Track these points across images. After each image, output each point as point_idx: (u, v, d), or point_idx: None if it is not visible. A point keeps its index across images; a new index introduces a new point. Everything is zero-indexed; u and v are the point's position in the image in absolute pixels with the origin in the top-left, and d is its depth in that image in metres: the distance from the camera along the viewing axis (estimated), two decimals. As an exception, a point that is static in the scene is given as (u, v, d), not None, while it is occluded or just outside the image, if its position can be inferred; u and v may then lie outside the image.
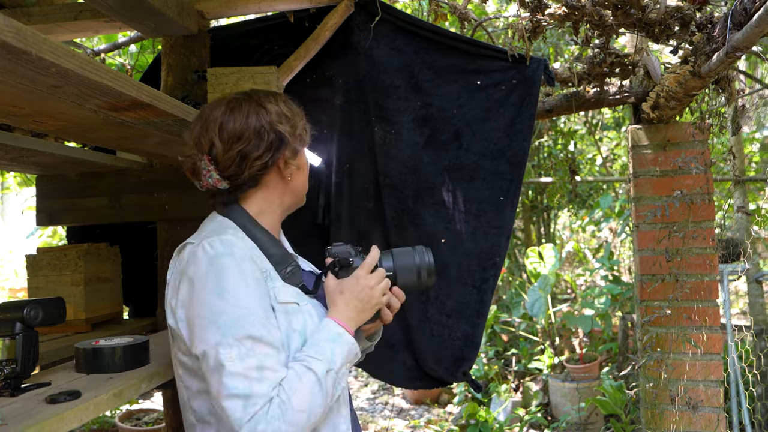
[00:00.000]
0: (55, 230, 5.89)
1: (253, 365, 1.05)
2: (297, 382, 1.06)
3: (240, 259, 1.12)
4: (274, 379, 1.05)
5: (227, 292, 1.08)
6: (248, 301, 1.09)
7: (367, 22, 2.09)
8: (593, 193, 6.27)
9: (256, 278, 1.13)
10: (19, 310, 1.16)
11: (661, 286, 2.19)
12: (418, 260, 1.30)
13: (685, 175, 2.20)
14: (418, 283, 1.31)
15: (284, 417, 1.03)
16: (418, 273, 1.30)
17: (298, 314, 1.16)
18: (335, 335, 1.15)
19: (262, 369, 1.05)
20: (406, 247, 1.33)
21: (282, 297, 1.16)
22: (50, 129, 1.42)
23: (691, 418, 2.15)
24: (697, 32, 1.63)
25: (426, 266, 1.30)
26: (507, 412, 4.37)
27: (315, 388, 1.07)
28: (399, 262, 1.31)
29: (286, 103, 1.30)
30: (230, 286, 1.09)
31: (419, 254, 1.31)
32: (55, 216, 2.18)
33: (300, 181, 1.32)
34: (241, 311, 1.07)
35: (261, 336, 1.07)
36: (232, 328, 1.06)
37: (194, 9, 2.06)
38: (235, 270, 1.10)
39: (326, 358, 1.11)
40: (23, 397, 1.12)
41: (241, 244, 1.16)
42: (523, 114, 2.04)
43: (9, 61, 0.90)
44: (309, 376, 1.07)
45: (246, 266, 1.12)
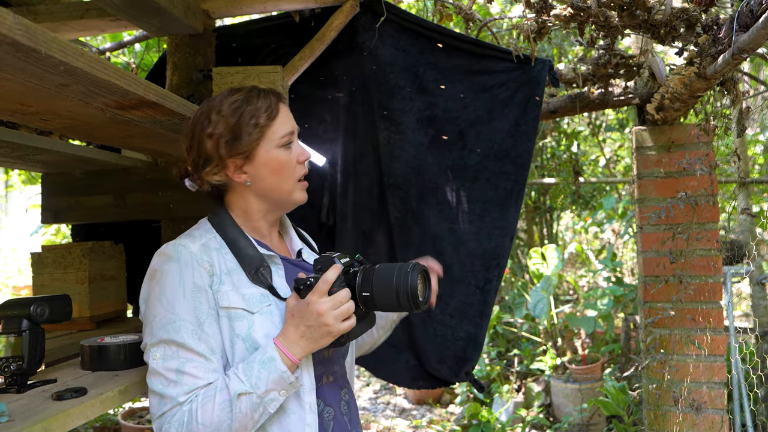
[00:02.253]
0: (58, 228, 5.91)
1: (173, 367, 1.11)
2: (211, 396, 1.09)
3: (183, 264, 1.16)
4: (192, 384, 1.10)
5: (164, 296, 1.14)
6: (180, 308, 1.13)
7: (372, 22, 2.09)
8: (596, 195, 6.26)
9: (196, 285, 1.15)
10: (25, 307, 1.17)
11: (665, 288, 2.19)
12: (396, 280, 1.14)
13: (689, 177, 2.20)
14: (398, 306, 1.15)
15: (188, 425, 1.08)
16: (397, 295, 1.14)
17: (242, 320, 1.16)
18: (267, 359, 1.11)
19: (181, 373, 1.10)
20: (394, 263, 1.18)
21: (224, 302, 1.16)
22: (57, 127, 1.42)
23: (695, 419, 2.15)
24: (702, 34, 1.63)
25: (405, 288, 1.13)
26: (509, 413, 4.37)
27: (225, 408, 1.08)
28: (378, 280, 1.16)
29: (235, 109, 1.22)
30: (167, 291, 1.15)
31: (401, 273, 1.14)
32: (60, 214, 2.19)
33: (268, 183, 1.25)
34: (171, 316, 1.13)
35: (185, 342, 1.11)
36: (160, 331, 1.13)
37: (200, 8, 2.07)
38: (175, 276, 1.15)
39: (250, 381, 1.09)
40: (29, 394, 1.13)
41: (193, 247, 1.19)
42: (528, 115, 2.04)
43: (18, 59, 0.90)
44: (223, 395, 1.09)
45: (187, 273, 1.15)
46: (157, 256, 1.20)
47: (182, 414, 1.08)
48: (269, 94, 1.28)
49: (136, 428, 3.79)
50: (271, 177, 1.25)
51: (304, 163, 1.29)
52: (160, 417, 1.10)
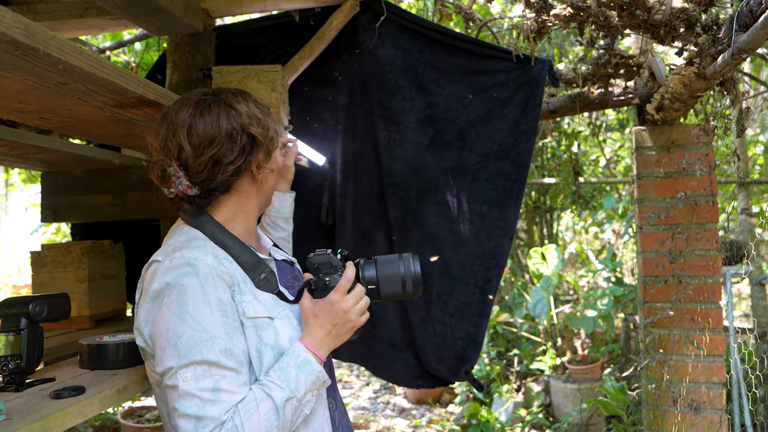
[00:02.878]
0: (58, 227, 5.91)
1: (209, 387, 1.03)
2: (253, 408, 1.05)
3: (204, 277, 1.09)
4: (230, 401, 1.04)
5: (188, 314, 1.06)
6: (208, 323, 1.06)
7: (372, 22, 2.09)
8: (596, 195, 6.26)
9: (220, 298, 1.09)
10: (24, 305, 1.17)
11: (664, 288, 2.19)
12: (403, 269, 1.23)
13: (689, 177, 2.20)
14: (403, 294, 1.24)
15: None
16: (403, 283, 1.23)
17: (268, 328, 1.13)
18: (302, 362, 1.11)
19: (217, 391, 1.03)
20: (392, 255, 1.26)
21: (250, 312, 1.12)
22: (56, 125, 1.42)
23: (693, 419, 2.15)
24: (702, 34, 1.62)
25: (411, 275, 1.23)
26: (508, 413, 4.37)
27: (272, 416, 1.05)
28: (383, 271, 1.23)
29: (255, 103, 1.24)
30: (191, 308, 1.06)
31: (405, 263, 1.23)
32: (59, 213, 2.19)
33: (271, 184, 1.31)
34: (200, 334, 1.05)
35: (219, 360, 1.05)
36: (190, 351, 1.04)
37: (200, 7, 2.07)
38: (198, 290, 1.07)
39: (289, 386, 1.08)
40: (28, 393, 1.13)
41: (207, 259, 1.11)
42: (528, 115, 2.04)
43: (17, 57, 0.90)
44: (267, 403, 1.05)
45: (209, 286, 1.08)
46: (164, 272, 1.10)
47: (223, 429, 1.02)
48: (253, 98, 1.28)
49: (135, 427, 3.79)
50: (273, 177, 1.31)
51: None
52: None
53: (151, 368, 1.15)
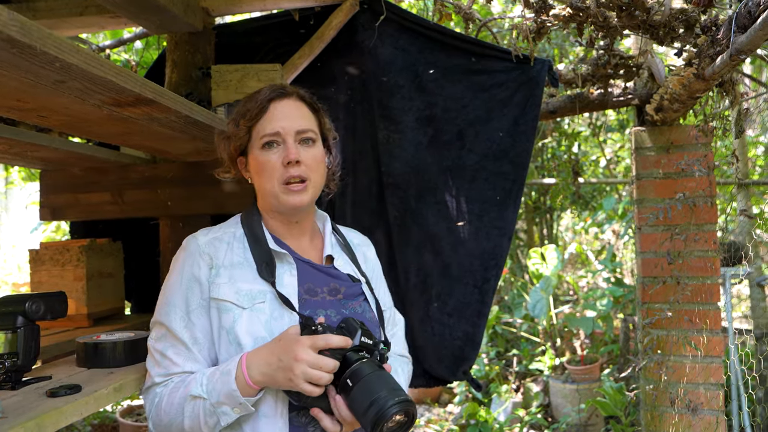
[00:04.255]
0: (58, 225, 5.91)
1: (159, 349, 1.21)
2: (176, 388, 1.16)
3: (188, 254, 1.24)
4: (169, 369, 1.19)
5: (168, 283, 1.25)
6: (174, 294, 1.22)
7: (372, 21, 2.09)
8: (596, 195, 6.25)
9: (194, 274, 1.21)
10: (21, 303, 1.17)
11: (663, 289, 2.19)
12: (381, 399, 1.03)
13: (688, 178, 2.20)
14: (362, 419, 1.05)
15: (156, 407, 1.18)
16: (368, 407, 1.03)
17: (229, 313, 1.18)
18: (226, 372, 1.11)
19: (163, 356, 1.20)
20: (396, 383, 1.08)
21: (214, 293, 1.20)
22: (54, 124, 1.42)
23: (691, 420, 2.15)
24: (701, 34, 1.62)
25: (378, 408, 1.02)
26: (507, 413, 4.37)
27: (180, 403, 1.14)
28: (368, 380, 1.06)
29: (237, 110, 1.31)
30: (171, 278, 1.25)
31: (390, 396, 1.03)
32: (58, 211, 2.18)
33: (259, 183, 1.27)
34: (166, 300, 1.22)
35: (172, 327, 1.19)
36: (157, 312, 1.24)
37: (199, 6, 2.06)
38: (179, 266, 1.24)
39: (207, 387, 1.12)
40: (24, 391, 1.13)
41: (201, 240, 1.25)
42: (527, 115, 2.04)
43: (13, 55, 0.90)
44: (182, 391, 1.15)
45: (188, 263, 1.23)
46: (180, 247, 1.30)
47: (155, 394, 1.19)
48: (269, 91, 1.28)
49: (134, 426, 3.79)
50: (256, 177, 1.28)
51: (292, 165, 1.22)
52: (143, 390, 1.24)
53: None
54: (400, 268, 2.10)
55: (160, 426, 1.17)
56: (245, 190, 1.42)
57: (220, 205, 2.03)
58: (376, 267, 1.48)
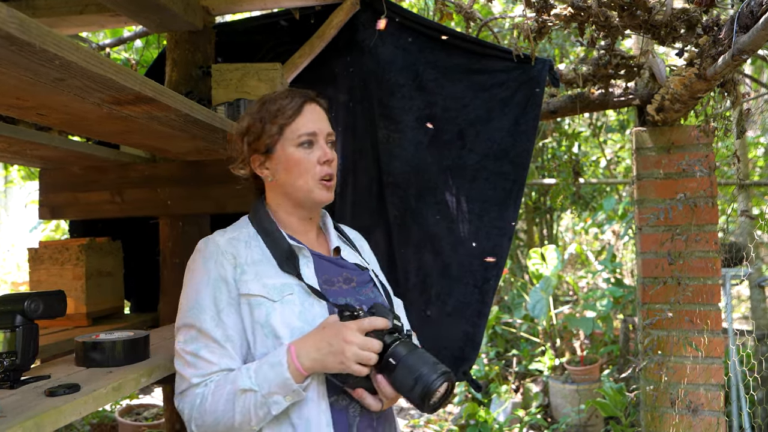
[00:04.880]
0: (58, 224, 5.91)
1: (191, 350, 1.19)
2: (221, 386, 1.16)
3: (208, 256, 1.25)
4: (206, 369, 1.18)
5: (190, 286, 1.25)
6: (201, 296, 1.22)
7: (372, 21, 2.09)
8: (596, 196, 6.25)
9: (220, 274, 1.23)
10: (19, 302, 1.16)
11: (663, 289, 2.19)
12: (424, 373, 1.13)
13: (688, 178, 2.19)
14: (408, 393, 1.15)
15: (198, 408, 1.16)
16: (414, 383, 1.13)
17: (261, 307, 1.20)
18: (276, 363, 1.13)
19: (196, 357, 1.19)
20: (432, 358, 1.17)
21: (243, 290, 1.22)
22: (54, 122, 1.42)
23: (691, 421, 2.14)
24: (703, 34, 1.62)
25: (425, 384, 1.12)
26: (507, 413, 4.36)
27: (229, 399, 1.14)
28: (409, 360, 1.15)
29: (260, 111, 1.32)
30: (193, 280, 1.25)
31: (432, 372, 1.13)
32: (57, 210, 2.18)
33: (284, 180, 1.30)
34: (192, 303, 1.22)
35: (203, 328, 1.19)
36: (184, 316, 1.22)
37: (200, 5, 2.06)
38: (201, 267, 1.25)
39: (257, 380, 1.13)
40: (22, 390, 1.12)
41: (219, 240, 1.27)
42: (528, 114, 2.04)
43: (12, 52, 0.90)
44: (229, 387, 1.15)
45: (211, 264, 1.24)
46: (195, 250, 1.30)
47: (195, 396, 1.17)
48: (298, 94, 1.34)
49: (132, 425, 3.79)
50: (285, 174, 1.31)
51: (327, 164, 1.30)
52: (178, 395, 1.21)
53: None
54: (400, 268, 2.09)
55: (205, 426, 1.17)
56: (245, 189, 1.42)
57: (220, 204, 2.03)
58: (372, 258, 1.54)
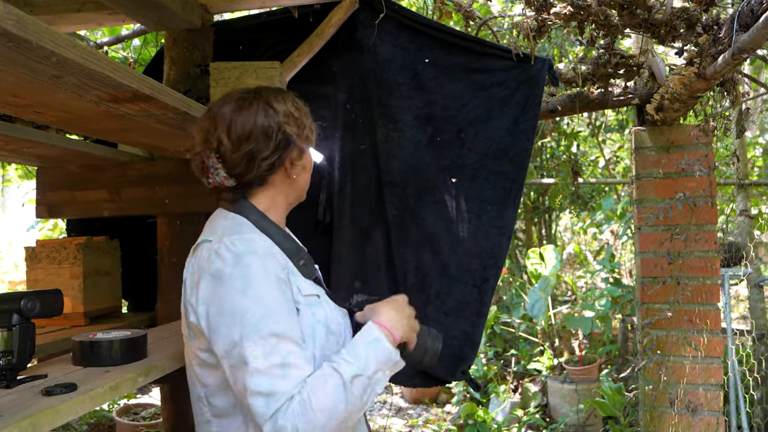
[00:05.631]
0: (55, 223, 5.89)
1: (277, 362, 1.05)
2: (321, 382, 1.06)
3: (263, 257, 1.13)
4: (298, 376, 1.06)
5: (252, 290, 1.09)
6: (272, 299, 1.10)
7: (371, 19, 2.08)
8: (595, 195, 6.25)
9: (279, 276, 1.14)
10: (16, 301, 1.15)
11: (662, 289, 2.18)
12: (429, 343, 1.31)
13: (688, 178, 2.19)
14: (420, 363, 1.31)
15: (303, 415, 1.03)
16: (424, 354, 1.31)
17: (319, 306, 1.21)
18: (373, 339, 1.15)
19: (285, 366, 1.06)
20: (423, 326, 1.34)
21: (305, 290, 1.19)
22: (51, 120, 1.41)
23: (690, 421, 2.14)
24: (703, 33, 1.62)
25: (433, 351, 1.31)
26: (505, 413, 4.36)
27: (338, 391, 1.06)
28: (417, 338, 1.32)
29: (293, 102, 1.28)
30: (255, 284, 1.09)
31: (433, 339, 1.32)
32: (54, 209, 2.17)
33: (304, 179, 1.34)
34: (265, 310, 1.08)
35: (285, 333, 1.08)
36: (256, 326, 1.07)
37: (198, 3, 2.05)
38: (260, 268, 1.11)
39: (358, 363, 1.10)
40: (19, 389, 1.12)
41: (261, 241, 1.16)
42: (527, 114, 2.03)
43: (9, 49, 0.89)
44: (334, 379, 1.07)
45: (269, 265, 1.13)
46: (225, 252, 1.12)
47: (295, 405, 1.03)
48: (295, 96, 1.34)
49: (130, 425, 3.78)
50: (306, 173, 1.33)
51: None
52: (272, 416, 1.03)
53: (198, 347, 1.17)
54: (399, 268, 2.09)
55: (316, 426, 1.04)
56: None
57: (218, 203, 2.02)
58: None
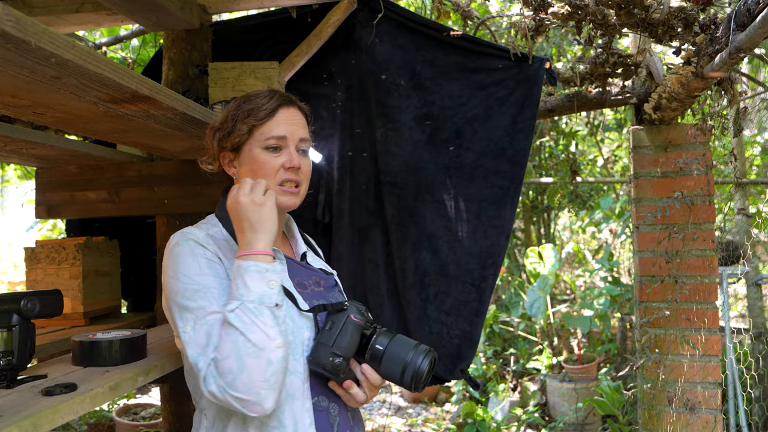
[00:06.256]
0: (55, 224, 5.89)
1: (204, 332, 1.13)
2: (217, 334, 1.12)
3: (193, 245, 1.21)
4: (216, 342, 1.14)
5: (180, 274, 1.18)
6: (200, 277, 1.17)
7: (370, 19, 2.08)
8: (594, 194, 6.26)
9: (209, 258, 1.20)
10: (16, 301, 1.16)
11: (661, 288, 2.19)
12: (410, 358, 1.21)
13: (685, 177, 2.20)
14: (400, 381, 1.22)
15: (217, 371, 1.09)
16: (403, 371, 1.21)
17: None
18: (235, 270, 1.14)
19: (210, 335, 1.13)
20: (411, 340, 1.25)
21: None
22: (50, 121, 1.41)
23: (689, 419, 2.15)
24: (700, 33, 1.62)
25: (414, 368, 1.20)
26: (504, 412, 4.37)
27: (229, 330, 1.09)
28: (392, 348, 1.22)
29: (236, 107, 1.31)
30: (182, 267, 1.19)
31: (416, 353, 1.22)
32: (54, 209, 2.17)
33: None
34: (192, 287, 1.16)
35: (210, 306, 1.15)
36: (184, 303, 1.16)
37: (196, 3, 2.06)
38: (187, 253, 1.20)
39: (234, 298, 1.11)
40: (19, 389, 1.12)
41: (199, 234, 1.24)
42: (525, 113, 2.04)
43: (8, 50, 0.89)
44: (219, 322, 1.12)
45: (198, 249, 1.20)
46: (166, 247, 1.25)
47: (212, 368, 1.10)
48: (277, 96, 1.32)
49: (130, 425, 3.78)
50: (249, 175, 1.29)
51: (293, 170, 1.28)
52: (204, 384, 1.10)
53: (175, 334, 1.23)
54: (398, 267, 2.09)
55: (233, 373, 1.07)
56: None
57: (216, 203, 2.02)
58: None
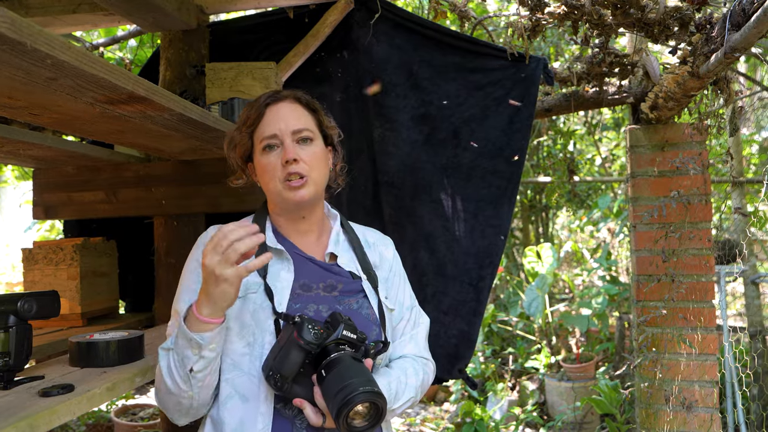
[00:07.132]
0: (53, 224, 5.89)
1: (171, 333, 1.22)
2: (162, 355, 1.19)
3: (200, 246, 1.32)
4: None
5: (183, 274, 1.32)
6: (189, 281, 1.28)
7: (367, 19, 2.08)
8: (592, 194, 6.27)
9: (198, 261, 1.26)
10: (13, 302, 1.16)
11: (658, 287, 2.19)
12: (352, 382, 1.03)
13: (682, 176, 2.20)
14: (330, 404, 1.04)
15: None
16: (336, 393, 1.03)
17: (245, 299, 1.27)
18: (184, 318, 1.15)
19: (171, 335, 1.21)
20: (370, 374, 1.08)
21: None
22: (47, 122, 1.41)
23: (686, 418, 2.15)
24: (696, 32, 1.62)
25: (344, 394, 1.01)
26: (503, 411, 4.37)
27: (159, 362, 1.17)
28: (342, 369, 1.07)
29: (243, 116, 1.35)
30: (185, 269, 1.32)
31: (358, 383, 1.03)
32: (51, 210, 2.17)
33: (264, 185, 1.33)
34: (182, 288, 1.29)
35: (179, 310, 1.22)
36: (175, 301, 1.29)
37: (194, 4, 2.06)
38: (193, 256, 1.32)
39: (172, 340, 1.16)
40: (16, 390, 1.12)
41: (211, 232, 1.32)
42: (522, 113, 2.04)
43: (4, 52, 0.89)
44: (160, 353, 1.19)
45: (197, 252, 1.30)
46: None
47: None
48: (264, 97, 1.34)
49: (128, 425, 3.78)
50: (261, 180, 1.34)
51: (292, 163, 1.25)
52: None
53: None
54: (396, 267, 2.09)
55: (159, 396, 1.20)
56: (240, 189, 1.42)
57: (214, 203, 2.03)
58: (394, 266, 1.48)
